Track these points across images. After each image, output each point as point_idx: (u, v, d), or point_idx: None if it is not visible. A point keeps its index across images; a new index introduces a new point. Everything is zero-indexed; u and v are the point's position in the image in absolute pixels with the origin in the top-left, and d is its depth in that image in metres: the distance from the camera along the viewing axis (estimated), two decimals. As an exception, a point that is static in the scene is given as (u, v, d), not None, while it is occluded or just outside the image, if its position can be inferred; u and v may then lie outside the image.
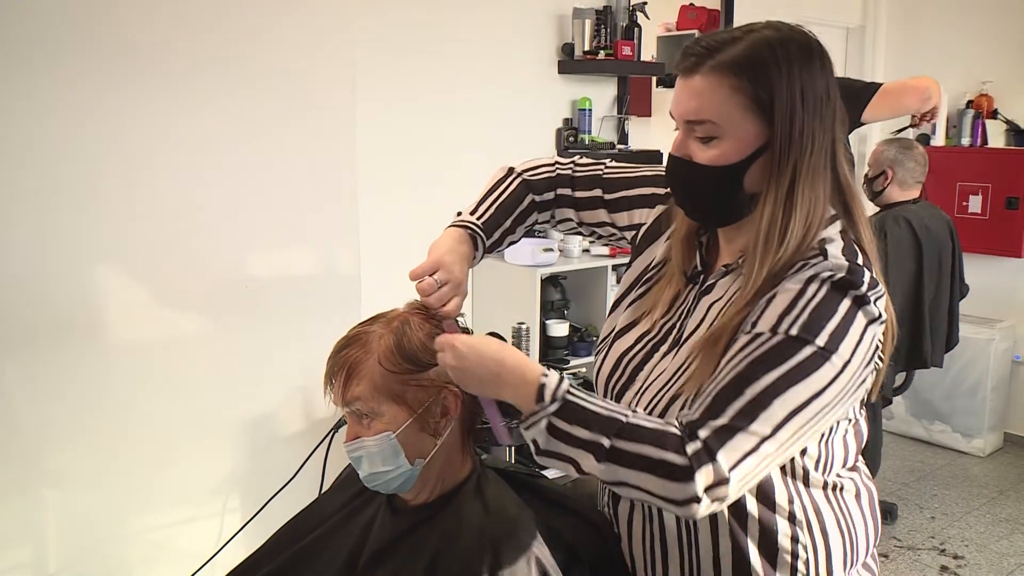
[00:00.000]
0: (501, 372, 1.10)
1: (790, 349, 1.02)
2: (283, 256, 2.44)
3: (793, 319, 1.03)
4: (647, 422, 1.03)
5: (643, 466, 1.00)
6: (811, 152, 1.09)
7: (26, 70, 1.94)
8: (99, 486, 2.17)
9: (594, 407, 1.04)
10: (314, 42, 2.39)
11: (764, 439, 0.99)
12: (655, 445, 1.00)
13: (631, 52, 3.45)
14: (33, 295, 2.02)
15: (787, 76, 1.08)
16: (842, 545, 1.20)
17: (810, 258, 1.09)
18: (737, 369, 1.03)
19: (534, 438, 1.06)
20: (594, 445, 1.02)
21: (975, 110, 4.44)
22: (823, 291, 1.05)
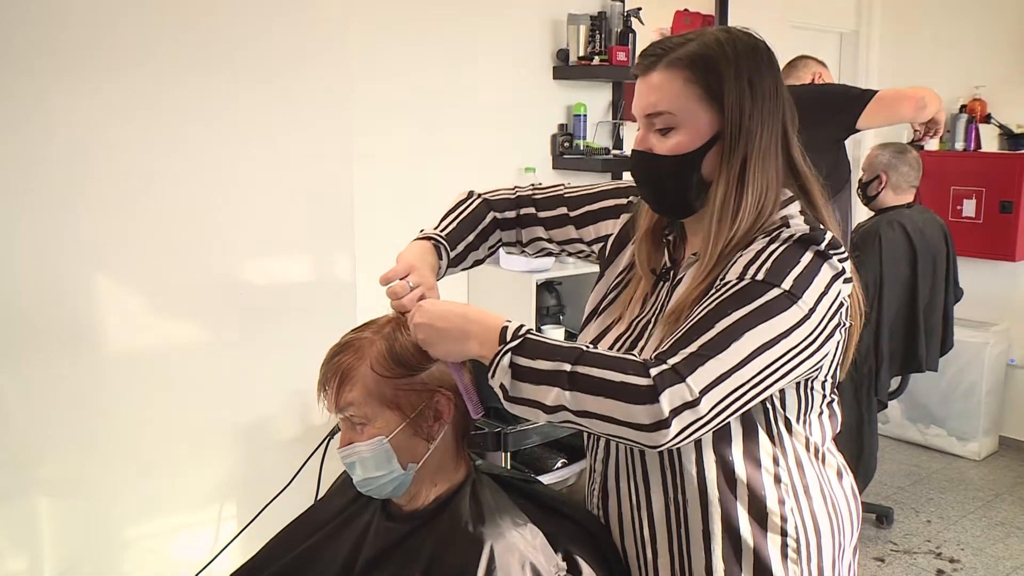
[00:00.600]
0: (466, 325, 1.14)
1: (757, 290, 1.07)
2: (279, 262, 2.44)
3: (758, 267, 1.09)
4: (608, 352, 1.07)
5: (605, 390, 1.02)
6: (760, 137, 1.17)
7: (22, 75, 1.94)
8: (94, 493, 2.17)
9: (554, 341, 1.09)
10: (310, 48, 2.39)
11: (734, 368, 1.03)
12: (616, 369, 1.02)
13: (626, 58, 3.46)
14: (28, 301, 2.01)
15: (735, 68, 1.16)
16: (827, 515, 1.24)
17: (773, 230, 1.15)
18: (707, 309, 1.07)
19: (501, 383, 1.09)
20: (556, 375, 1.04)
21: (968, 114, 4.45)
22: (784, 246, 1.11)
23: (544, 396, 1.06)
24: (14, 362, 2.02)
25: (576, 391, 1.04)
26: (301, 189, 2.42)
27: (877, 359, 3.29)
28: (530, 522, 1.29)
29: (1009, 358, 4.43)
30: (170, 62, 2.14)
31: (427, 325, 1.18)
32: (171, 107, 2.16)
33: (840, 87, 3.13)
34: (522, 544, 1.23)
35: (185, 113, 2.18)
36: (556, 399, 1.05)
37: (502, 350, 1.09)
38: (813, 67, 3.26)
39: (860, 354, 3.25)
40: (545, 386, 1.05)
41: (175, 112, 2.17)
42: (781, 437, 1.21)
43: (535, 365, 1.06)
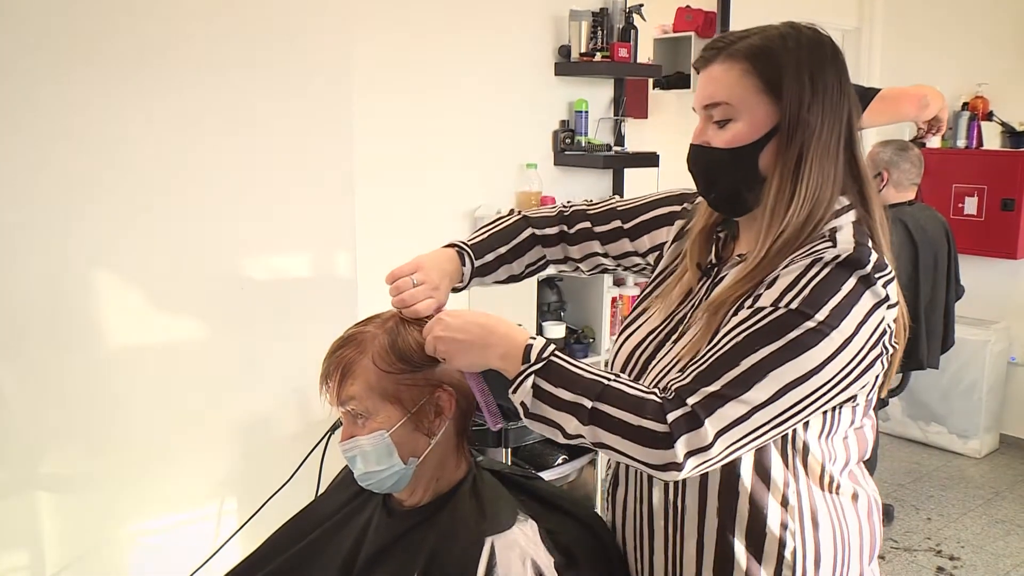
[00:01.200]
0: (488, 337, 1.13)
1: (789, 322, 1.03)
2: (279, 258, 2.44)
3: (795, 295, 1.05)
4: (629, 388, 1.05)
5: (623, 431, 1.02)
6: (819, 134, 1.13)
7: (20, 71, 1.94)
8: (95, 488, 2.17)
9: (578, 370, 1.08)
10: (311, 45, 2.39)
11: (756, 408, 1.01)
12: (635, 412, 1.02)
13: (628, 54, 3.45)
14: (29, 298, 2.01)
15: (795, 61, 1.13)
16: (832, 546, 1.19)
17: (819, 243, 1.11)
18: (735, 340, 1.04)
19: (521, 400, 1.09)
20: (576, 407, 1.05)
21: (970, 112, 4.45)
22: (827, 270, 1.06)
23: (564, 422, 1.07)
24: (15, 358, 2.02)
25: (595, 426, 1.04)
26: (303, 186, 2.42)
27: (878, 356, 3.28)
28: (531, 518, 1.30)
29: (1010, 356, 4.43)
30: (173, 63, 2.14)
31: (448, 338, 1.16)
32: (175, 106, 2.16)
33: None
34: (523, 540, 1.24)
35: (188, 111, 2.18)
36: (575, 429, 1.06)
37: (526, 371, 1.09)
38: None
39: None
40: (565, 414, 1.06)
41: (179, 111, 2.17)
42: (795, 459, 1.16)
43: (557, 393, 1.07)
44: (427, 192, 3.17)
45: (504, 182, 3.42)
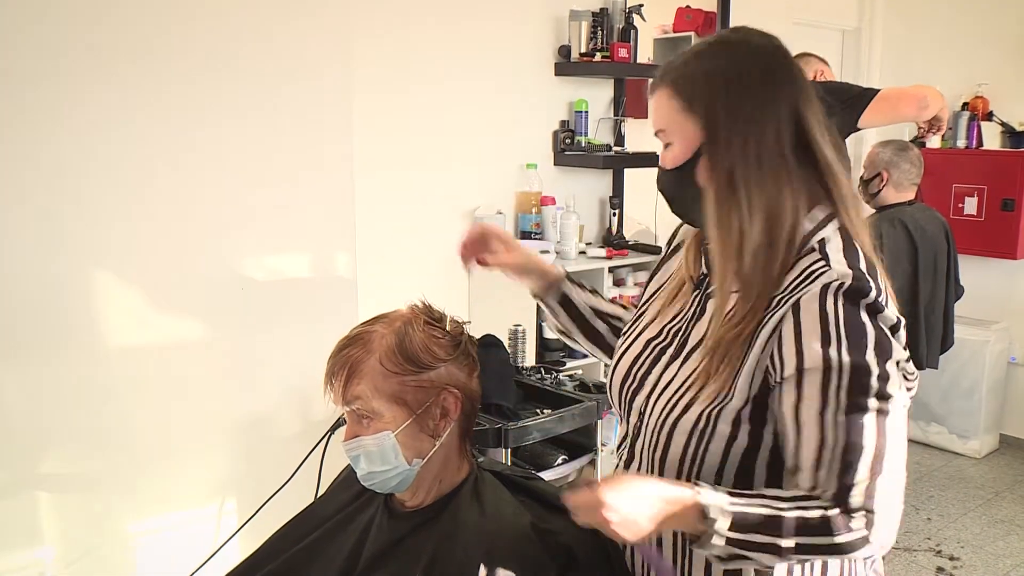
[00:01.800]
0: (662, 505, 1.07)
1: (862, 383, 1.06)
2: (279, 259, 2.44)
3: (837, 345, 1.06)
4: (806, 511, 1.05)
5: (826, 551, 1.07)
6: (745, 144, 1.12)
7: (23, 72, 1.94)
8: (95, 488, 2.17)
9: (757, 511, 1.06)
10: (310, 44, 2.39)
11: (893, 471, 1.07)
12: (828, 535, 1.05)
13: (627, 54, 3.45)
14: (28, 297, 2.01)
15: (711, 77, 1.14)
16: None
17: (808, 256, 1.12)
18: (838, 424, 1.06)
19: (716, 555, 1.08)
20: (773, 547, 1.05)
21: (970, 112, 4.45)
22: (834, 304, 1.08)
23: (762, 559, 1.08)
24: (16, 357, 2.02)
25: (798, 554, 1.07)
26: (303, 186, 2.42)
27: (878, 357, 3.28)
28: (533, 519, 1.30)
29: (1010, 356, 4.43)
30: (174, 64, 2.14)
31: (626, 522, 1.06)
32: (175, 107, 2.16)
33: (842, 85, 3.12)
34: (524, 541, 1.24)
35: (189, 112, 2.18)
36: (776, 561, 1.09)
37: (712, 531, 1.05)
38: (815, 64, 3.24)
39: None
40: (762, 553, 1.06)
41: (179, 112, 2.16)
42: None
43: (749, 538, 1.05)
44: (427, 192, 3.17)
45: (504, 182, 3.42)
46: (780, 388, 1.10)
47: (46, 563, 2.12)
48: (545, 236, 3.45)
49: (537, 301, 1.55)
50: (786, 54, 1.19)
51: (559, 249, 3.37)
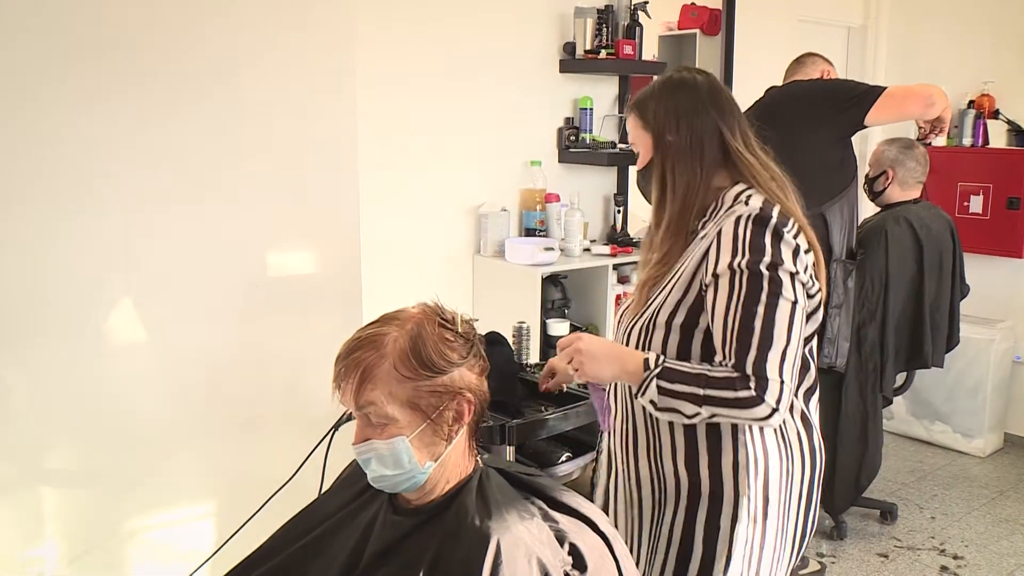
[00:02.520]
0: (620, 355, 1.54)
1: (757, 280, 1.46)
2: (283, 256, 2.43)
3: (741, 257, 1.47)
4: (719, 373, 1.44)
5: (728, 404, 1.43)
6: (677, 146, 1.61)
7: (28, 69, 1.94)
8: (98, 485, 2.17)
9: (683, 368, 1.46)
10: (315, 41, 2.38)
11: (785, 346, 1.44)
12: (729, 388, 1.43)
13: (632, 51, 3.45)
14: (32, 294, 2.01)
15: (655, 101, 1.65)
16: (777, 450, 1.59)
17: (734, 205, 1.56)
18: (737, 313, 1.46)
19: (650, 399, 1.47)
20: (692, 395, 1.44)
21: (976, 110, 4.43)
22: (749, 230, 1.49)
23: (684, 409, 1.46)
24: (18, 355, 2.02)
25: (708, 406, 1.44)
26: (306, 183, 2.42)
27: (882, 355, 3.28)
28: (537, 516, 1.29)
29: (1015, 355, 4.42)
30: (176, 63, 2.14)
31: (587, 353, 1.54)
32: (177, 106, 2.16)
33: (848, 83, 3.11)
34: (528, 538, 1.23)
35: (191, 111, 2.18)
36: (693, 411, 1.45)
37: (649, 376, 1.47)
38: (821, 64, 3.23)
39: (865, 350, 3.24)
40: (684, 401, 1.45)
41: (182, 111, 2.16)
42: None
43: (675, 388, 1.46)
44: (431, 190, 3.17)
45: (508, 179, 3.42)
46: (705, 290, 1.51)
47: (47, 560, 2.12)
48: (549, 233, 3.45)
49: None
50: (715, 88, 1.65)
51: (563, 246, 3.37)
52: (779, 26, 4.19)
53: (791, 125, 2.88)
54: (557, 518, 1.31)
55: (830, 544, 3.44)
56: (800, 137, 2.88)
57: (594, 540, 1.31)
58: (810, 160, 2.88)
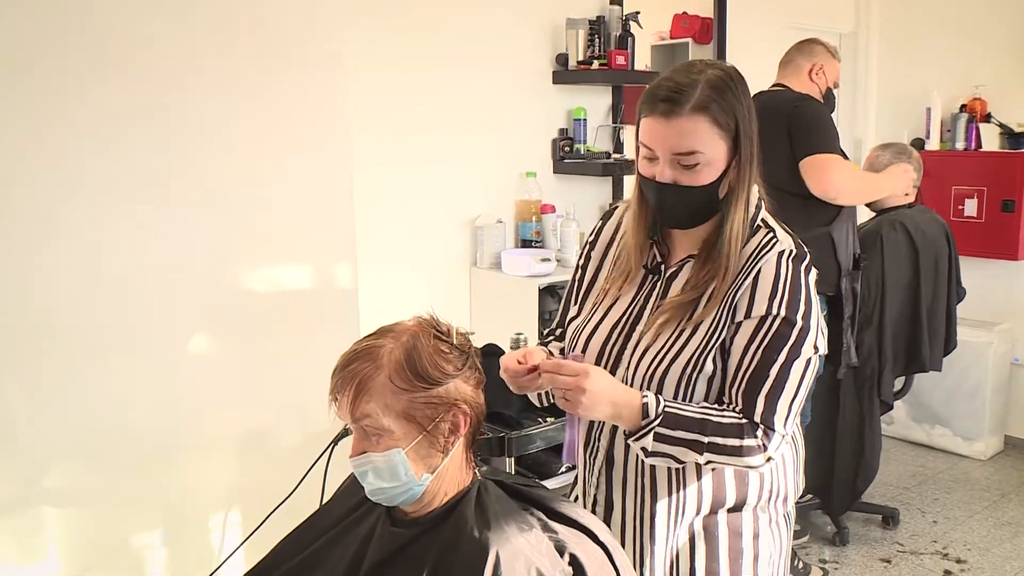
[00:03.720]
0: (618, 398, 1.38)
1: (786, 330, 1.38)
2: (280, 270, 2.44)
3: (780, 301, 1.39)
4: (724, 418, 1.37)
5: (731, 452, 1.37)
6: (754, 154, 1.43)
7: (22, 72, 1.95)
8: (99, 502, 2.17)
9: (686, 412, 1.37)
10: (308, 56, 2.39)
11: (792, 399, 1.39)
12: (736, 437, 1.36)
13: (625, 61, 3.46)
14: (32, 310, 2.01)
15: (743, 105, 1.41)
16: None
17: (764, 238, 1.44)
18: (757, 358, 1.38)
19: (643, 446, 1.37)
20: (694, 443, 1.36)
21: (969, 114, 4.45)
22: (791, 269, 1.41)
23: (681, 456, 1.37)
24: (18, 371, 2.02)
25: (710, 453, 1.37)
26: (301, 196, 2.42)
27: (880, 360, 3.28)
28: (536, 527, 1.29)
29: (1013, 357, 4.42)
30: (168, 70, 2.14)
31: (591, 394, 1.36)
32: (170, 116, 2.16)
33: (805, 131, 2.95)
34: (528, 549, 1.23)
35: (184, 122, 2.18)
36: (691, 458, 1.37)
37: (649, 424, 1.36)
38: (818, 56, 3.15)
39: (863, 355, 3.25)
40: (684, 448, 1.37)
41: (175, 121, 2.17)
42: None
43: (674, 434, 1.36)
44: (426, 202, 3.18)
45: (504, 191, 3.42)
46: (734, 328, 1.41)
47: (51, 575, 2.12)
48: (545, 244, 3.45)
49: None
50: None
51: (559, 257, 3.37)
52: (770, 33, 4.20)
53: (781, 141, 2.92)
54: (556, 528, 1.30)
55: (832, 550, 3.43)
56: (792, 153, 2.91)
57: (594, 550, 1.31)
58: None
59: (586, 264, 1.64)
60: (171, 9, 2.13)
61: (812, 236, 2.91)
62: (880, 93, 4.88)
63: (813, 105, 3.00)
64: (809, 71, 3.12)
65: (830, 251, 2.94)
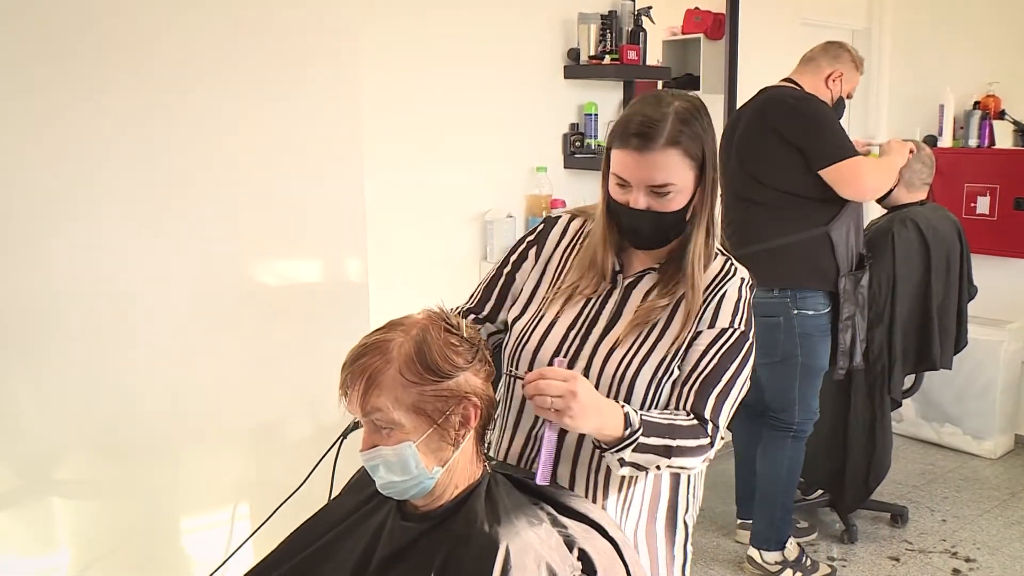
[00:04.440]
0: (603, 409, 1.35)
1: (741, 342, 1.51)
2: (290, 263, 2.44)
3: (741, 316, 1.53)
4: (683, 422, 1.43)
5: (692, 452, 1.42)
6: (718, 182, 1.53)
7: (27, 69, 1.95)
8: (108, 494, 2.18)
9: (656, 420, 1.40)
10: (320, 49, 2.40)
11: (733, 403, 1.49)
12: (694, 437, 1.42)
13: (637, 56, 3.45)
14: (40, 302, 2.02)
15: (709, 134, 1.50)
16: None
17: (725, 265, 1.57)
18: (713, 363, 1.48)
19: (621, 457, 1.37)
20: (664, 448, 1.39)
21: (982, 111, 4.42)
22: (748, 293, 1.56)
23: (651, 463, 1.39)
24: (27, 364, 2.03)
25: (676, 457, 1.40)
26: (313, 190, 2.43)
27: (890, 357, 3.27)
28: (545, 521, 1.29)
29: (1024, 356, 4.41)
30: (180, 64, 2.15)
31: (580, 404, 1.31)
32: (182, 109, 2.17)
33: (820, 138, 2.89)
34: (537, 544, 1.24)
35: (196, 116, 2.19)
36: (659, 464, 1.40)
37: (633, 434, 1.36)
38: (842, 63, 3.10)
39: (873, 352, 3.24)
40: (654, 455, 1.38)
41: (186, 114, 2.17)
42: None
43: (649, 442, 1.37)
44: (437, 196, 3.18)
45: (514, 186, 3.42)
46: (694, 335, 1.50)
47: (61, 567, 2.13)
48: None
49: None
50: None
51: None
52: (783, 29, 4.19)
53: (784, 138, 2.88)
54: (566, 523, 1.31)
55: (841, 547, 3.42)
56: (792, 154, 2.87)
57: (603, 545, 1.32)
58: (806, 178, 2.87)
59: (520, 262, 1.67)
60: (186, 4, 2.14)
61: (811, 236, 2.90)
62: (892, 90, 4.85)
63: (813, 104, 2.93)
64: (828, 76, 3.08)
65: (828, 250, 2.92)
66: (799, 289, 2.92)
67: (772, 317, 2.91)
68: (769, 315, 2.89)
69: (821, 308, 2.96)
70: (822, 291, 2.94)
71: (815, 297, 2.94)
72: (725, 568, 3.30)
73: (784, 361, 2.97)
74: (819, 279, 2.94)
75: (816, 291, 2.94)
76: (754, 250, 2.86)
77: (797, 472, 3.13)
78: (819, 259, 2.92)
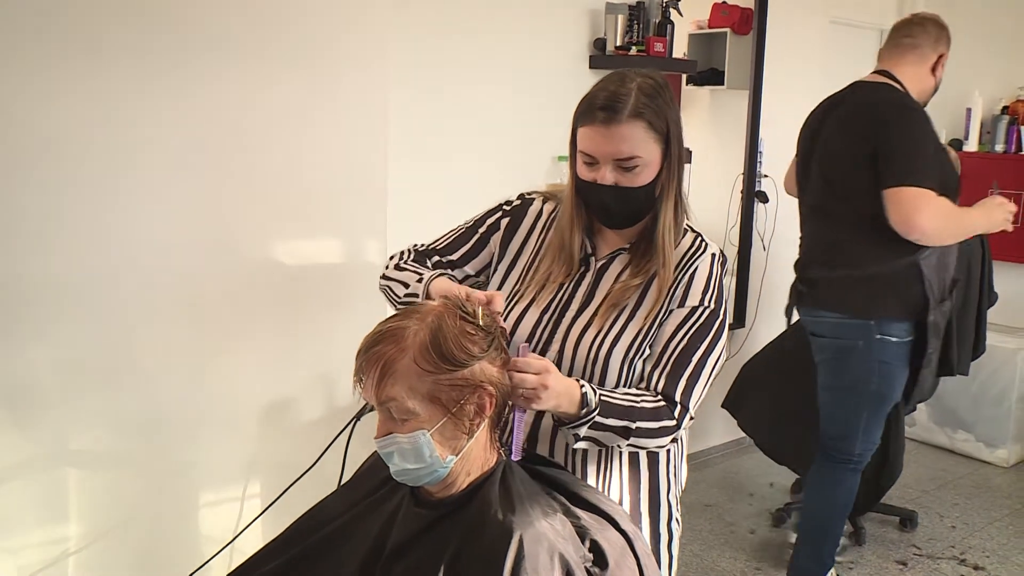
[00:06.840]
0: (568, 389, 1.38)
1: (712, 321, 1.52)
2: (310, 245, 2.45)
3: (711, 295, 1.54)
4: (646, 403, 1.45)
5: (653, 434, 1.45)
6: (683, 157, 1.55)
7: (43, 57, 1.96)
8: (122, 467, 2.19)
9: (616, 400, 1.42)
10: (346, 33, 2.39)
11: (706, 381, 1.51)
12: (657, 419, 1.45)
13: (663, 48, 3.43)
14: (61, 277, 2.03)
15: (673, 108, 1.52)
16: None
17: (695, 241, 1.59)
18: (683, 343, 1.50)
19: (575, 432, 1.41)
20: (622, 429, 1.42)
21: (1010, 116, 4.38)
22: (718, 269, 1.57)
23: (608, 441, 1.44)
24: (47, 338, 2.04)
25: (635, 438, 1.44)
26: (335, 173, 2.43)
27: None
28: (559, 511, 1.29)
29: (1042, 365, 4.36)
30: (207, 51, 2.15)
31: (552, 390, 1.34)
32: (207, 91, 2.17)
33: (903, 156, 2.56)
34: (551, 534, 1.23)
35: (220, 97, 2.19)
36: (617, 443, 1.44)
37: (586, 415, 1.39)
38: (944, 44, 2.80)
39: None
40: (612, 434, 1.42)
41: (210, 96, 2.18)
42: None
43: (607, 422, 1.41)
44: (459, 183, 3.17)
45: (536, 174, 3.41)
46: (666, 314, 1.53)
47: (70, 539, 2.15)
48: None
49: None
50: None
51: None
52: (811, 26, 4.15)
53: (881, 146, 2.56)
54: (579, 514, 1.30)
55: (848, 550, 3.41)
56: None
57: (615, 537, 1.31)
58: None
59: (494, 230, 1.71)
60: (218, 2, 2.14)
61: (898, 266, 2.62)
62: (919, 91, 4.80)
63: (914, 119, 2.58)
64: (935, 63, 2.77)
65: (918, 283, 2.66)
66: (884, 316, 2.69)
67: (849, 340, 2.71)
68: (846, 338, 2.71)
69: (904, 336, 2.71)
70: (908, 321, 2.70)
71: (900, 324, 2.69)
72: (734, 562, 3.29)
73: (853, 388, 2.75)
74: (906, 309, 2.70)
75: (902, 320, 2.70)
76: (839, 275, 2.69)
77: (851, 504, 2.96)
78: (908, 289, 2.68)
